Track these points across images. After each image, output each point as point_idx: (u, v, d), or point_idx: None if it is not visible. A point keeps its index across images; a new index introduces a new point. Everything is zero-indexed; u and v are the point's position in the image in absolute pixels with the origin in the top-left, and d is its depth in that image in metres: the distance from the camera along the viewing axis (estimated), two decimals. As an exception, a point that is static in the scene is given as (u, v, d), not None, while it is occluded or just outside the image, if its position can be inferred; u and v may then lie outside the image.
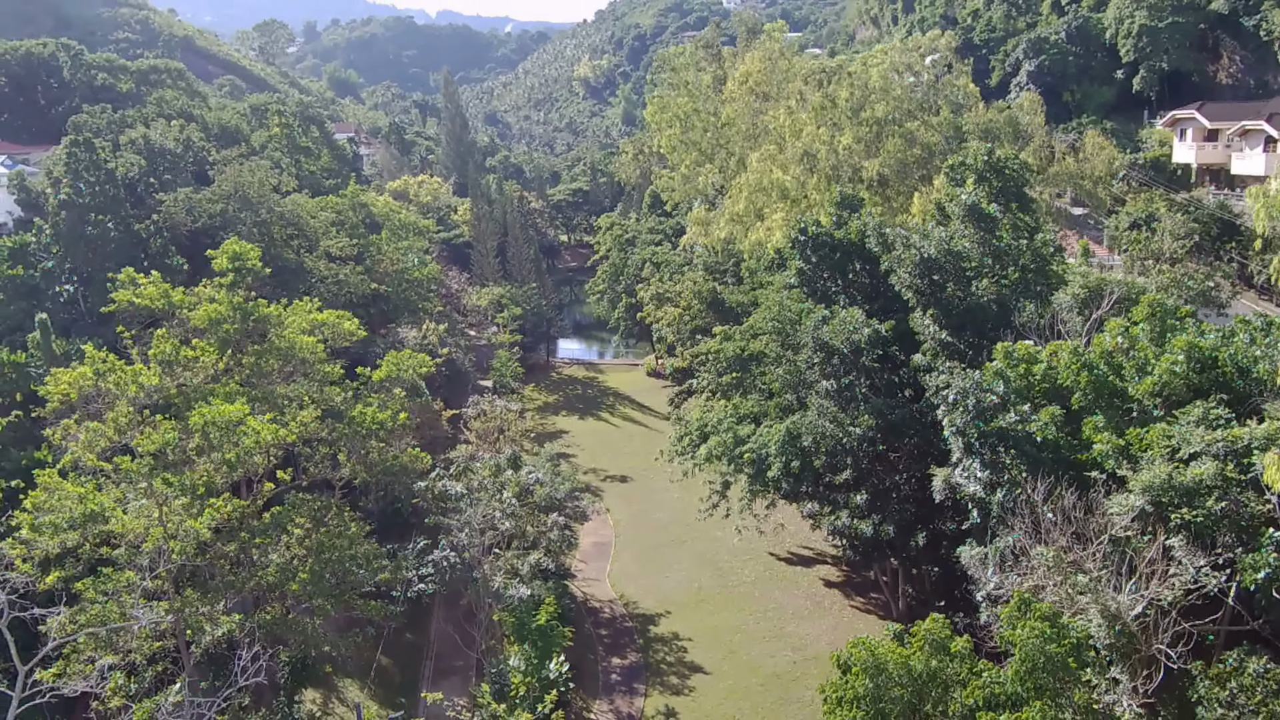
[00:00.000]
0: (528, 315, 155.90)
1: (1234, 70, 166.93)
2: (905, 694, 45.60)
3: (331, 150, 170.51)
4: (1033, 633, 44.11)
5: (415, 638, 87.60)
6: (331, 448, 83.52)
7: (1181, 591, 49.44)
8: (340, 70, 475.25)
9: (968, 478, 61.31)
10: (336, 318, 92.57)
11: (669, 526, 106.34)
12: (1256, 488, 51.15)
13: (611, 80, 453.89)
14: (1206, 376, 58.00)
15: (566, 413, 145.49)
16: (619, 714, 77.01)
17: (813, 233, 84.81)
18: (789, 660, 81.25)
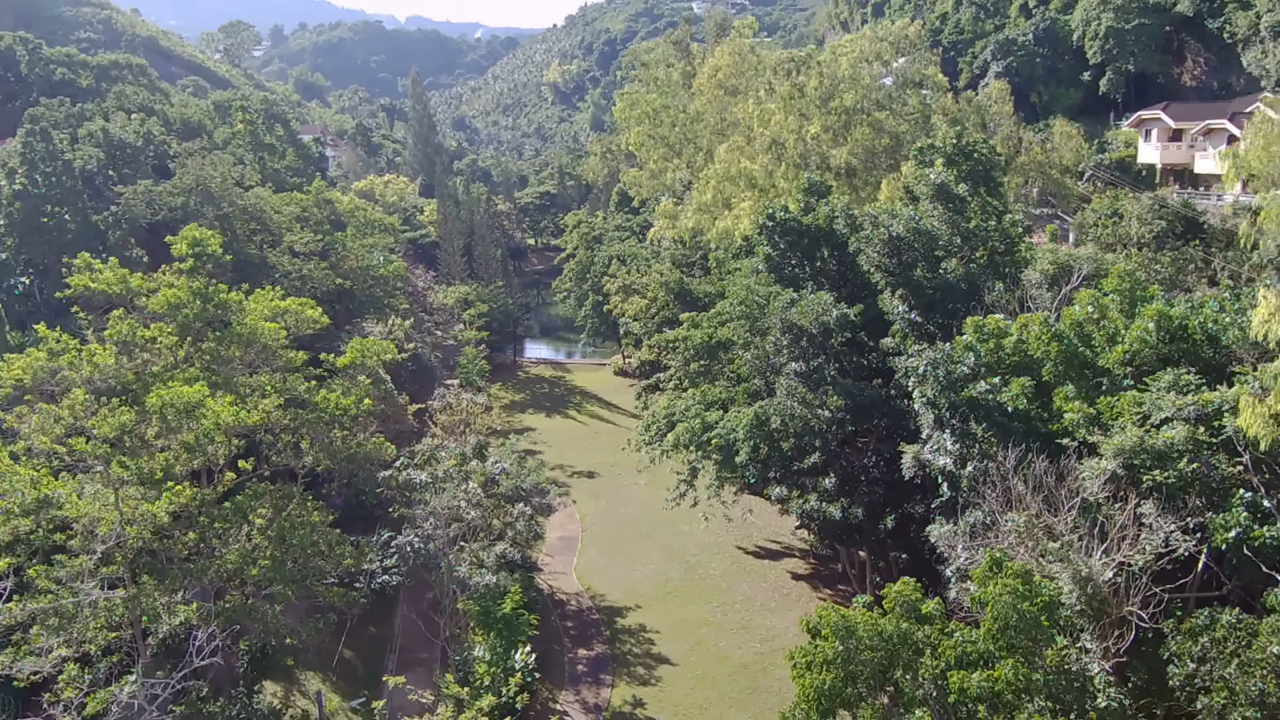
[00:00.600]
0: (494, 314, 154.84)
1: (1198, 72, 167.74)
2: (876, 657, 44.69)
3: (296, 149, 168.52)
4: (1005, 589, 43.30)
5: (379, 630, 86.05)
6: (294, 435, 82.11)
7: (1152, 556, 48.92)
8: (307, 74, 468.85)
9: (938, 451, 60.66)
10: (299, 305, 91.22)
11: (636, 521, 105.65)
12: (1227, 450, 50.76)
13: (581, 85, 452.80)
14: (1176, 346, 57.63)
15: (533, 410, 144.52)
16: (585, 704, 75.88)
17: (780, 218, 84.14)
18: (757, 651, 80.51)
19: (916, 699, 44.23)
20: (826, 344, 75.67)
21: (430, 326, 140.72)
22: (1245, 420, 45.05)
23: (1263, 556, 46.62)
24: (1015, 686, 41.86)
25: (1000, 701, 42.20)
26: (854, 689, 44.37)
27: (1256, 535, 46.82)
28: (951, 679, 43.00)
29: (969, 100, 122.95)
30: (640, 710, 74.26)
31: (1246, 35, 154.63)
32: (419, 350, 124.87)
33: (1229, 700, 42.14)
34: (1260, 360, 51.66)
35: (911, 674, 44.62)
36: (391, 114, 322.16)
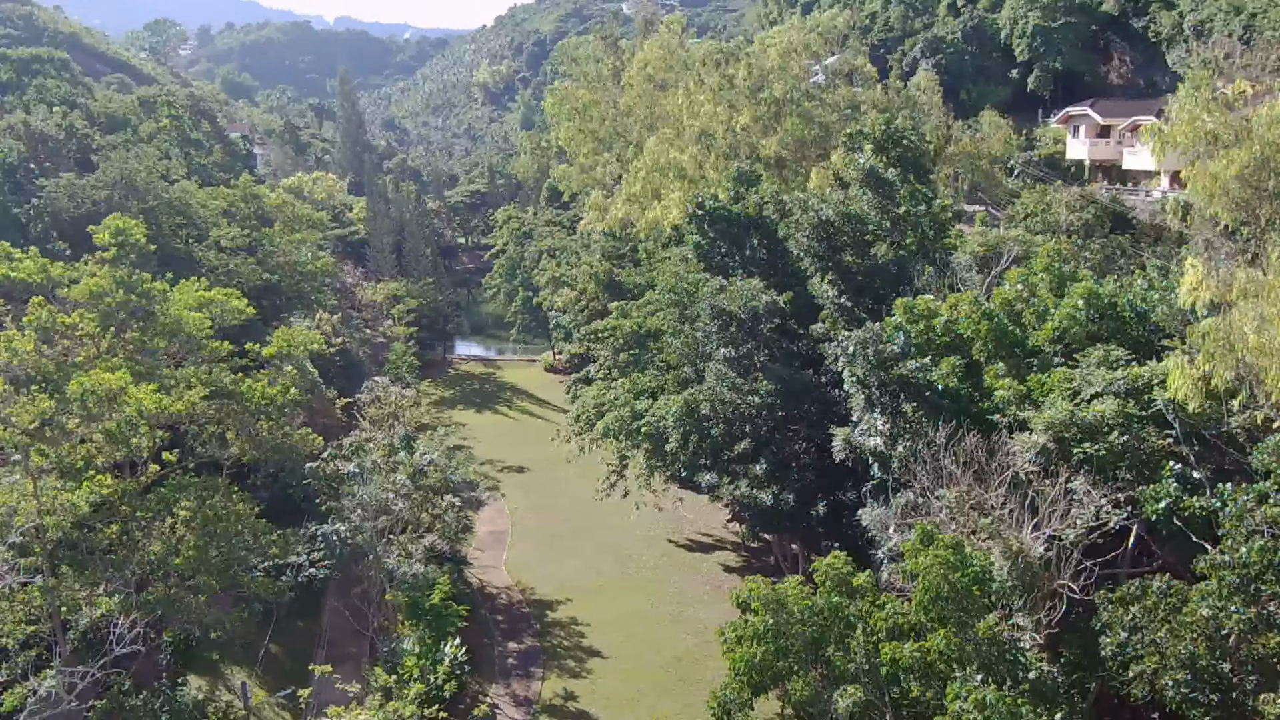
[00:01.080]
0: (424, 310, 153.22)
1: (1124, 71, 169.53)
2: (807, 631, 44.19)
3: (224, 146, 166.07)
4: (936, 560, 42.93)
5: (307, 624, 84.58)
6: (220, 426, 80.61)
7: (1084, 529, 48.87)
8: (234, 74, 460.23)
9: (868, 432, 60.41)
10: (224, 296, 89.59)
11: (567, 515, 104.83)
12: (1157, 423, 50.87)
13: (511, 86, 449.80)
14: (1105, 324, 57.73)
15: (463, 407, 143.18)
16: (516, 697, 75.01)
17: (710, 207, 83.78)
18: (689, 643, 79.88)
19: (848, 673, 43.76)
20: (756, 330, 75.26)
21: (359, 323, 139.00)
22: (1175, 383, 45.11)
23: (1192, 526, 46.69)
24: (947, 657, 41.52)
25: (932, 672, 41.85)
26: (785, 663, 43.85)
27: (1186, 505, 46.87)
28: (883, 651, 42.61)
29: (898, 91, 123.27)
30: (571, 703, 73.55)
31: (1170, 34, 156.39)
32: (347, 345, 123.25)
33: (1160, 665, 42.00)
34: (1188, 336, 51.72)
35: (843, 647, 44.15)
36: (320, 113, 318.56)
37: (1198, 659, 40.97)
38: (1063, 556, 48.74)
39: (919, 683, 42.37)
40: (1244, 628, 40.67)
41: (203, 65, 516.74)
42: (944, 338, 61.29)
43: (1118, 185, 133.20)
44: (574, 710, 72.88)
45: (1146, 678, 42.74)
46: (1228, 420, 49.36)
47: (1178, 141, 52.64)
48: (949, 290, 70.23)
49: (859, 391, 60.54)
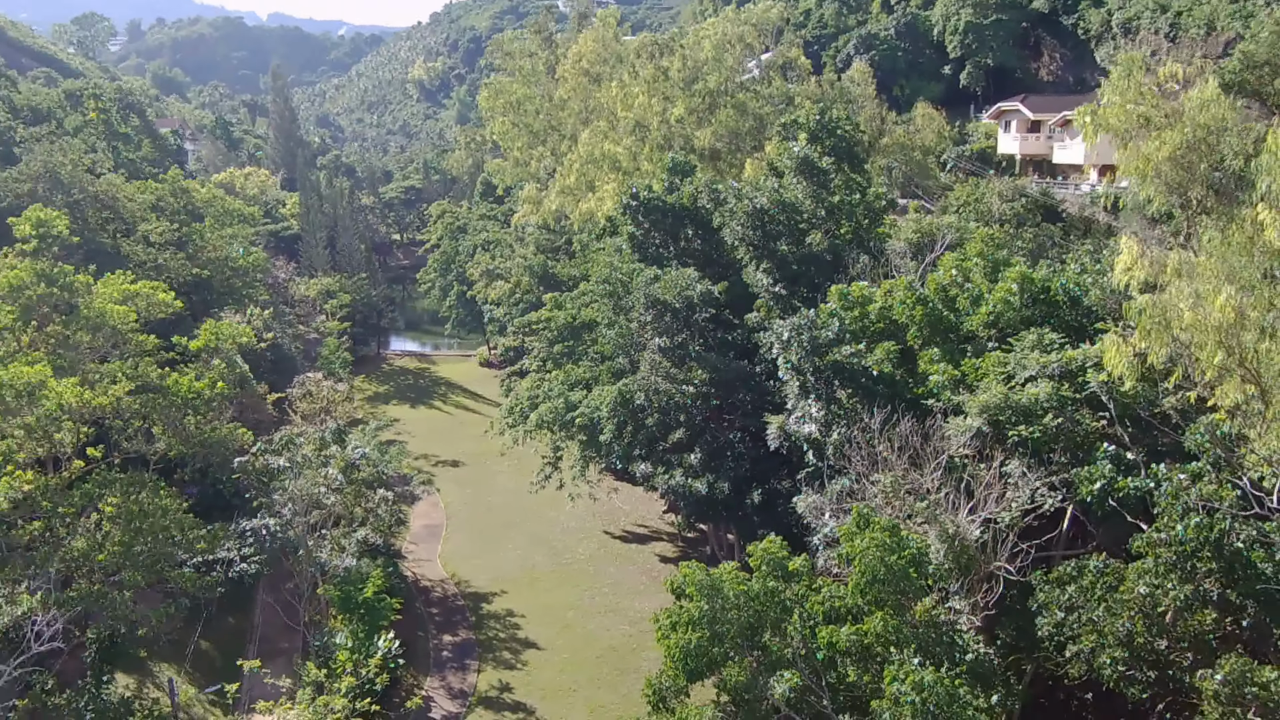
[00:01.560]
0: (358, 306, 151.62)
1: (1054, 67, 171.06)
2: (743, 616, 43.78)
3: (153, 140, 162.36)
4: (872, 543, 42.67)
5: (238, 620, 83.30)
6: (145, 421, 79.16)
7: (1019, 512, 48.91)
8: (165, 69, 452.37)
9: (803, 419, 60.20)
10: (151, 289, 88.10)
11: (502, 509, 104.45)
12: (1091, 405, 51.00)
13: (446, 83, 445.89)
14: (1039, 308, 57.81)
15: (398, 402, 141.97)
16: (451, 690, 74.63)
17: (644, 197, 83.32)
18: (625, 633, 79.88)
19: (784, 658, 43.44)
20: (690, 319, 74.94)
21: (292, 319, 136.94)
22: (1111, 361, 45.13)
23: (1127, 507, 46.80)
24: (885, 639, 41.22)
25: (870, 655, 41.60)
26: (720, 649, 43.41)
27: (1121, 486, 46.97)
28: (820, 634, 42.26)
29: (831, 83, 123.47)
30: (507, 694, 73.27)
31: (1099, 32, 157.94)
32: (279, 340, 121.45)
33: (1098, 643, 42.00)
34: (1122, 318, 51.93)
35: (779, 633, 43.83)
36: (253, 110, 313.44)
37: (1135, 636, 40.98)
38: (999, 539, 48.77)
39: (856, 666, 42.12)
40: (1180, 604, 40.74)
41: (133, 61, 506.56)
42: (878, 324, 61.26)
43: (1048, 179, 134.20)
44: (510, 702, 72.57)
45: (1084, 657, 42.77)
46: (1161, 401, 49.59)
47: (1110, 125, 52.92)
48: (884, 277, 70.20)
49: (794, 378, 60.33)
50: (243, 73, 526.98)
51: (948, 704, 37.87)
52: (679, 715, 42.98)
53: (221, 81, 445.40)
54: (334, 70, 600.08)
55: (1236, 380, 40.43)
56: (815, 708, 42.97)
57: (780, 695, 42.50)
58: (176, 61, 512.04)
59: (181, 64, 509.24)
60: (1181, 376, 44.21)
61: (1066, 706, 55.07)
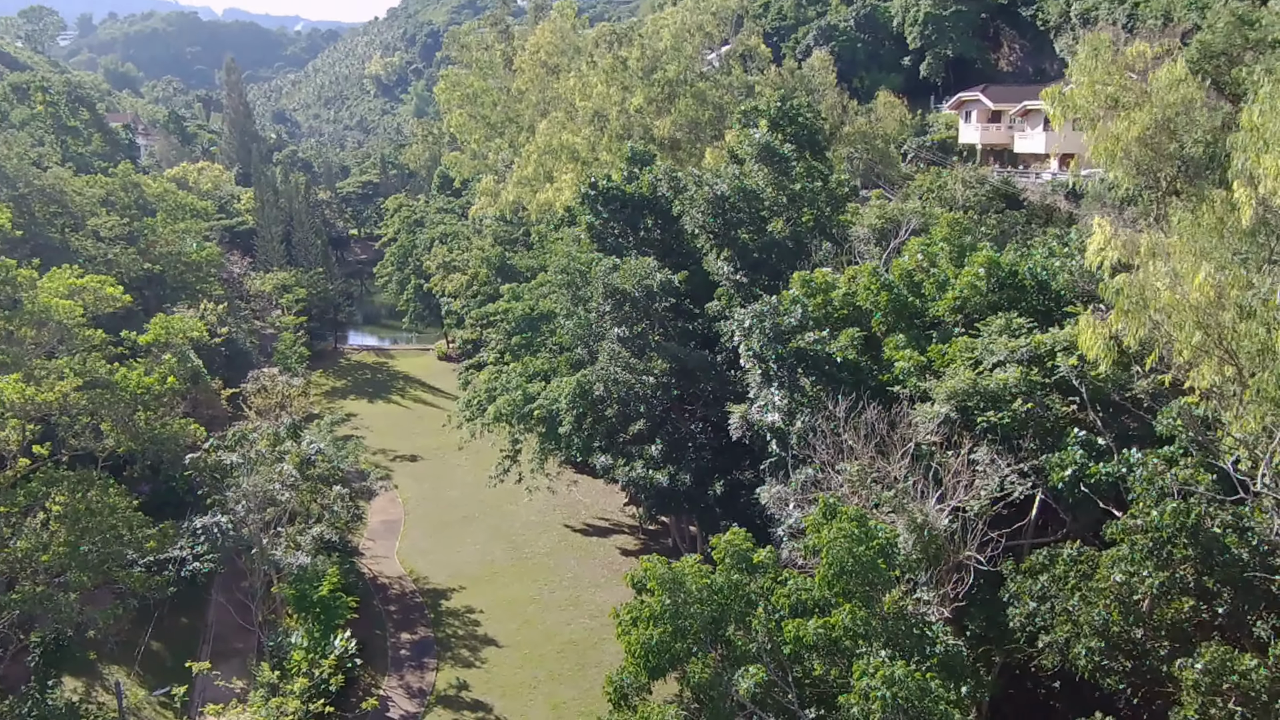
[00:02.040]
0: (314, 300, 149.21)
1: (1014, 58, 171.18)
2: (706, 610, 42.41)
3: (104, 135, 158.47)
4: (840, 533, 41.36)
5: (191, 621, 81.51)
6: (93, 417, 77.28)
7: (988, 500, 47.84)
8: (118, 64, 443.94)
9: (766, 408, 58.95)
10: (98, 283, 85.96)
11: (461, 503, 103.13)
12: (1061, 390, 49.96)
13: (404, 78, 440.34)
14: (1006, 294, 56.77)
15: (355, 396, 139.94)
16: (409, 689, 73.30)
17: (603, 187, 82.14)
18: (586, 627, 78.92)
19: (749, 653, 42.13)
20: (650, 309, 73.66)
21: (247, 314, 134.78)
22: (1086, 343, 44.00)
23: (1099, 493, 45.72)
24: (853, 632, 39.90)
25: (838, 649, 40.32)
26: (683, 644, 42.00)
27: (1093, 472, 45.86)
28: (786, 628, 40.86)
29: (792, 71, 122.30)
30: (466, 693, 72.19)
31: (1058, 22, 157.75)
32: (233, 335, 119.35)
33: (1073, 633, 40.85)
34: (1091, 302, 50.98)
35: (744, 626, 42.52)
36: (208, 105, 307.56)
37: (1111, 625, 39.83)
38: (968, 529, 47.69)
39: (823, 660, 40.84)
40: (1156, 592, 39.69)
41: (84, 56, 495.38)
42: (842, 310, 60.09)
43: (1009, 169, 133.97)
44: (469, 700, 71.53)
45: (1057, 647, 41.59)
46: (1133, 384, 48.74)
47: (1078, 106, 51.94)
48: (847, 264, 69.17)
49: (756, 366, 59.06)
50: (198, 68, 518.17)
51: (918, 698, 36.64)
52: (641, 713, 41.55)
53: (175, 77, 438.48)
54: (290, 66, 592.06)
55: (1214, 361, 39.39)
56: (781, 703, 41.77)
57: (745, 691, 41.22)
58: (129, 56, 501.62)
59: (134, 59, 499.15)
60: (1157, 359, 43.16)
61: (1035, 696, 54.12)
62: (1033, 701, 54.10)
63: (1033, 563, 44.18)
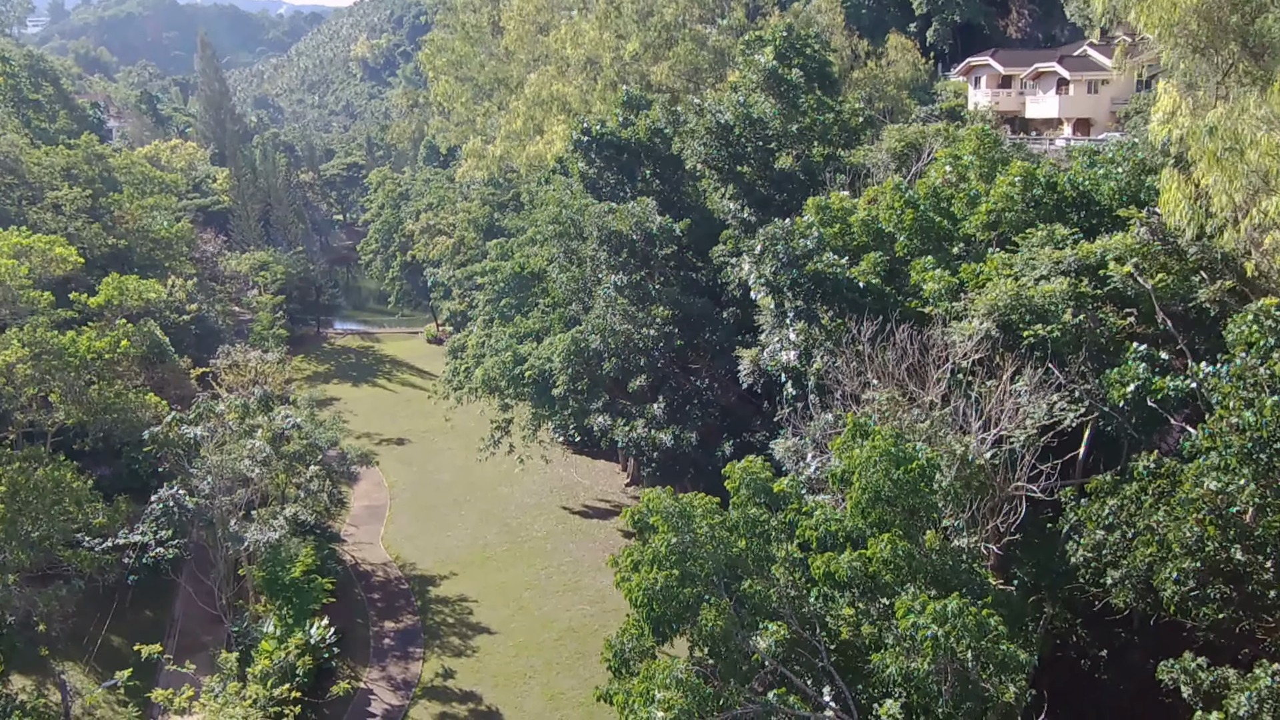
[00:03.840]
0: (294, 281, 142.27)
1: (1023, 24, 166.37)
2: (720, 551, 35.87)
3: (70, 112, 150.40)
4: (874, 453, 34.88)
5: (156, 614, 75.46)
6: (40, 387, 71.12)
7: (1035, 430, 41.38)
8: (90, 48, 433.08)
9: (781, 346, 52.58)
10: (46, 243, 79.66)
11: (450, 486, 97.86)
12: (1116, 301, 43.52)
13: (391, 61, 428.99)
14: (1044, 211, 50.26)
15: (339, 381, 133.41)
16: (392, 680, 68.47)
17: (597, 133, 76.46)
18: (586, 613, 73.81)
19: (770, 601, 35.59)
20: (650, 255, 67.48)
21: (222, 297, 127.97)
22: (1168, 203, 37.58)
23: (1166, 410, 39.33)
24: (894, 567, 33.37)
25: (876, 586, 33.73)
26: (694, 590, 35.46)
27: (1158, 386, 39.77)
28: (814, 564, 34.42)
29: (796, 14, 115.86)
30: (454, 683, 67.69)
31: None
32: (204, 313, 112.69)
33: (1157, 557, 34.34)
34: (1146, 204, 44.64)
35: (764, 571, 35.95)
36: (185, 89, 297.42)
37: (1206, 541, 33.33)
38: (1013, 462, 41.28)
39: (860, 600, 34.30)
40: (1260, 502, 33.10)
41: (56, 42, 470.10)
42: (862, 238, 53.77)
43: (1020, 135, 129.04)
44: (458, 691, 66.89)
45: (1134, 580, 35.14)
46: (1196, 294, 42.50)
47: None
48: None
49: (769, 299, 52.62)
50: (175, 54, 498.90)
51: (976, 637, 30.26)
52: (645, 672, 34.92)
53: (152, 62, 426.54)
54: (272, 50, 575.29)
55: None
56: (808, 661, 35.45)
57: (765, 650, 34.90)
58: (104, 42, 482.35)
59: (109, 45, 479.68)
60: (1255, 224, 36.43)
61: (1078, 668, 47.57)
62: (1074, 673, 47.56)
63: (1100, 484, 37.52)
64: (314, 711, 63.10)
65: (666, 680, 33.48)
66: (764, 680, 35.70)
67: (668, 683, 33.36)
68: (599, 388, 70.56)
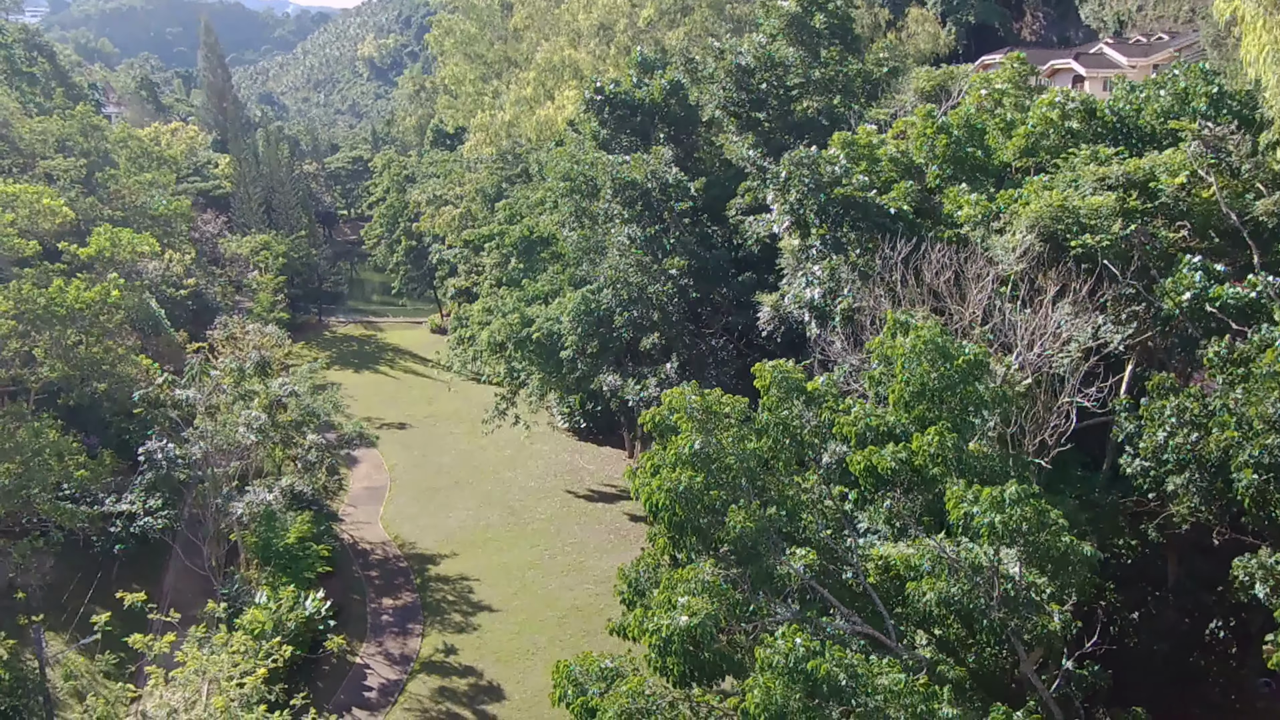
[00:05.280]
0: (296, 265, 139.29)
1: (1037, 26, 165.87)
2: (750, 451, 32.81)
3: (67, 90, 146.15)
4: (920, 341, 31.85)
5: (146, 588, 71.14)
6: (24, 341, 68.63)
7: (1080, 352, 38.48)
8: (91, 38, 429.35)
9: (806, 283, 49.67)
10: (34, 193, 76.92)
11: (452, 469, 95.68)
12: (1166, 214, 40.67)
13: (398, 60, 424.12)
14: (1083, 134, 47.30)
15: (340, 367, 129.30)
16: (390, 655, 66.81)
17: (610, 92, 74.10)
18: (591, 593, 71.61)
19: (801, 510, 32.58)
20: (666, 208, 64.71)
21: (222, 279, 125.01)
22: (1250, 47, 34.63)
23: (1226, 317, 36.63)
24: (941, 459, 30.33)
25: (921, 479, 30.66)
26: (720, 493, 32.38)
27: (1216, 294, 37.24)
28: (854, 460, 31.45)
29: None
30: (454, 658, 66.02)
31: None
32: (201, 289, 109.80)
33: (1243, 436, 31.30)
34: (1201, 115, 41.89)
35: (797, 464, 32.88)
36: (188, 82, 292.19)
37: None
38: (1059, 384, 38.40)
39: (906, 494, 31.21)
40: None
41: (56, 32, 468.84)
42: (891, 173, 50.74)
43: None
44: (458, 666, 65.42)
45: (1201, 480, 32.20)
46: (1252, 207, 40.03)
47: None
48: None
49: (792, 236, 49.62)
50: (179, 49, 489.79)
51: (1036, 527, 27.25)
52: (666, 583, 31.80)
53: (155, 55, 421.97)
54: (278, 49, 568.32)
55: None
56: (841, 582, 32.56)
57: (796, 578, 32.05)
58: (104, 34, 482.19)
59: (111, 37, 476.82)
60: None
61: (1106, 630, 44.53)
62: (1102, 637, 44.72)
63: (1162, 380, 34.58)
64: (308, 682, 60.45)
65: (692, 585, 30.51)
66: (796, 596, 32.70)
67: (693, 588, 30.40)
68: (609, 351, 67.73)
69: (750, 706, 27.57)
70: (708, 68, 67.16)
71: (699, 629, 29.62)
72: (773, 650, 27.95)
